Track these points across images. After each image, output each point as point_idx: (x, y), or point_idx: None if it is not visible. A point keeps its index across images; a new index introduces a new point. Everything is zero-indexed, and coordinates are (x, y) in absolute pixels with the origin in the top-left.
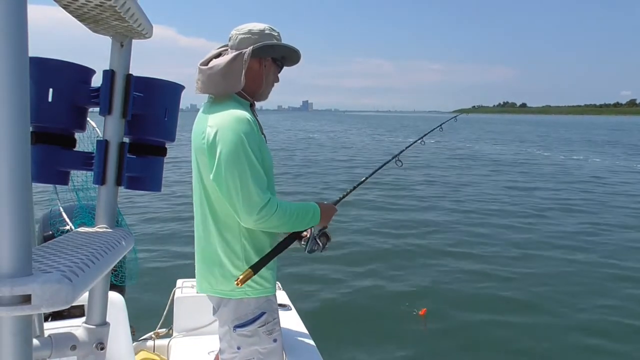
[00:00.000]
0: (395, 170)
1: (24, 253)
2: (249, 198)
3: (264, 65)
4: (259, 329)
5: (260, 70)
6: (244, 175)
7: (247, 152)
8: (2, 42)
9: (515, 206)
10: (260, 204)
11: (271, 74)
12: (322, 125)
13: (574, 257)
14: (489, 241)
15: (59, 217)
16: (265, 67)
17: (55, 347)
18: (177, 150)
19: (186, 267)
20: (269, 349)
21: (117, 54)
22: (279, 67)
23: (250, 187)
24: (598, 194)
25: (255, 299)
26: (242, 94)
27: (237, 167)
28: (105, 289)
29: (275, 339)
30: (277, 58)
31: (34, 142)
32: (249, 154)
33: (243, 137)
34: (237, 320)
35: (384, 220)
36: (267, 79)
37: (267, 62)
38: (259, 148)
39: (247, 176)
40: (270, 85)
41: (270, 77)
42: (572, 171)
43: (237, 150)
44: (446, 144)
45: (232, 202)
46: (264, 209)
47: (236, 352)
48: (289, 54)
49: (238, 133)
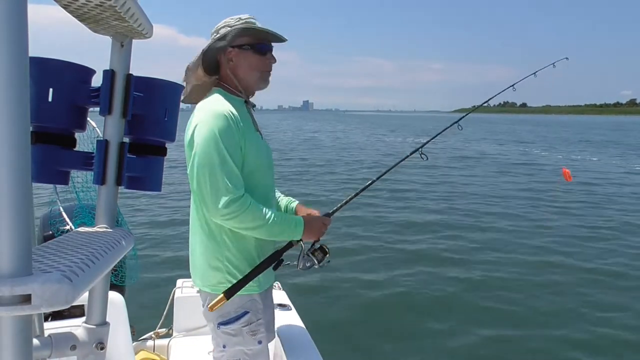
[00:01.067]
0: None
1: (24, 253)
2: (216, 191)
3: (227, 59)
4: (242, 329)
5: (224, 64)
6: (213, 171)
7: (219, 149)
8: (2, 42)
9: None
10: (229, 198)
11: (243, 62)
12: (322, 124)
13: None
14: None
15: (59, 217)
16: (230, 59)
17: (55, 347)
18: (178, 150)
19: (186, 267)
20: (255, 351)
21: (117, 54)
22: (252, 50)
23: (219, 182)
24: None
25: (238, 297)
26: (229, 89)
27: (207, 162)
28: (105, 289)
29: (260, 340)
30: (242, 44)
31: (34, 142)
32: (222, 150)
33: (216, 133)
34: (221, 317)
35: (385, 220)
36: (240, 69)
37: (229, 54)
38: (237, 145)
39: (217, 172)
40: (249, 72)
41: (244, 66)
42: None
43: (209, 146)
44: (453, 144)
45: (202, 195)
46: (233, 204)
47: (223, 350)
48: (255, 34)
49: (212, 129)
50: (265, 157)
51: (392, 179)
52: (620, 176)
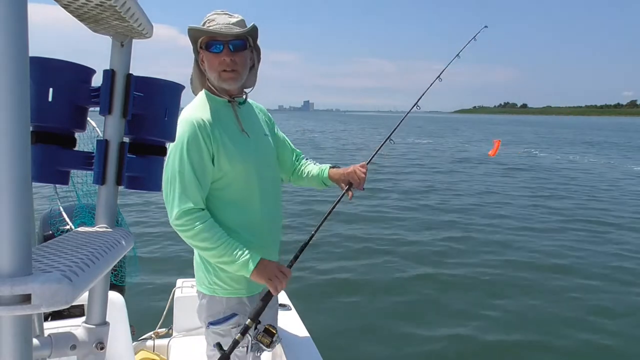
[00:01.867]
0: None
1: (24, 253)
2: (172, 200)
3: (201, 60)
4: (232, 330)
5: (202, 64)
6: (173, 180)
7: (182, 158)
8: (2, 42)
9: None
10: (180, 210)
11: (205, 63)
12: (324, 124)
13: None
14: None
15: (59, 216)
16: (202, 60)
17: (55, 347)
18: None
19: (186, 267)
20: (244, 352)
21: (117, 54)
22: (205, 50)
23: (175, 191)
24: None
25: (226, 298)
26: (214, 91)
27: (169, 170)
28: (105, 289)
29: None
30: (201, 44)
31: (34, 141)
32: (184, 160)
33: (182, 142)
34: (210, 317)
35: (386, 221)
36: (207, 70)
37: (201, 55)
38: (205, 155)
39: (175, 181)
40: (210, 73)
41: (206, 66)
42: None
43: (174, 154)
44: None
45: (165, 202)
46: (183, 217)
47: (214, 349)
48: (208, 33)
49: (179, 137)
50: (253, 157)
51: (393, 179)
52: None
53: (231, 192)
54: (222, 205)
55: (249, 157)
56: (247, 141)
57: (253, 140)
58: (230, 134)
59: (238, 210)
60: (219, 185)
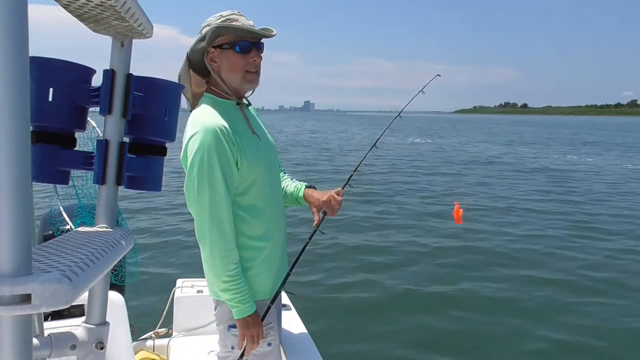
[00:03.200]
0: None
1: (24, 252)
2: (200, 212)
3: (208, 60)
4: None
5: (211, 65)
6: (204, 195)
7: (211, 170)
8: (2, 42)
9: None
10: (205, 223)
11: (224, 63)
12: (326, 125)
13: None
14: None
15: (59, 216)
16: (212, 60)
17: (55, 347)
18: (177, 150)
19: (186, 267)
20: (263, 352)
21: (117, 54)
22: (231, 49)
23: (206, 206)
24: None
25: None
26: (220, 94)
27: (199, 183)
28: (105, 289)
29: (270, 343)
30: (222, 44)
31: (34, 141)
32: (213, 172)
33: (207, 152)
34: (231, 320)
35: (387, 221)
36: (223, 70)
37: (211, 55)
38: (231, 162)
39: (206, 197)
40: (232, 73)
41: (225, 66)
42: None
43: (202, 169)
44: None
45: (193, 213)
46: (205, 230)
47: (230, 351)
48: (233, 31)
49: (203, 148)
50: (265, 158)
51: (399, 188)
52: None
53: (249, 196)
54: (240, 210)
55: (263, 160)
56: (258, 143)
57: (262, 141)
58: (246, 137)
59: (256, 213)
60: (238, 191)
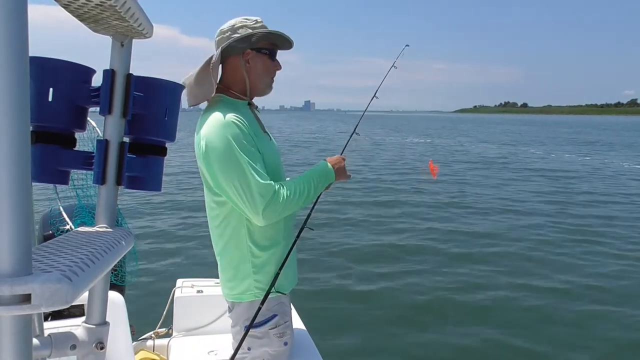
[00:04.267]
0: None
1: (24, 252)
2: (252, 201)
3: (244, 60)
4: (269, 331)
5: (240, 66)
6: (242, 179)
7: (239, 155)
8: (2, 42)
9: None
10: (263, 205)
11: (258, 66)
12: (327, 125)
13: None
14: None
15: (59, 216)
16: (247, 62)
17: (55, 347)
18: (177, 149)
19: (186, 267)
20: (279, 352)
21: (117, 54)
22: (268, 55)
23: (251, 189)
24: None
25: (267, 300)
26: (234, 94)
27: (231, 172)
28: (105, 289)
29: (286, 342)
30: (261, 47)
31: (34, 141)
32: (241, 155)
33: (231, 140)
34: (249, 321)
35: (387, 221)
36: (253, 73)
37: (247, 56)
38: (253, 147)
39: (244, 180)
40: (262, 77)
41: (258, 69)
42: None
43: (228, 155)
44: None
45: (240, 208)
46: (268, 207)
47: (246, 352)
48: (274, 38)
49: (224, 138)
50: (276, 157)
51: (401, 188)
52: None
53: None
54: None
55: (275, 157)
56: (269, 142)
57: (272, 142)
58: (259, 135)
59: None
60: None
